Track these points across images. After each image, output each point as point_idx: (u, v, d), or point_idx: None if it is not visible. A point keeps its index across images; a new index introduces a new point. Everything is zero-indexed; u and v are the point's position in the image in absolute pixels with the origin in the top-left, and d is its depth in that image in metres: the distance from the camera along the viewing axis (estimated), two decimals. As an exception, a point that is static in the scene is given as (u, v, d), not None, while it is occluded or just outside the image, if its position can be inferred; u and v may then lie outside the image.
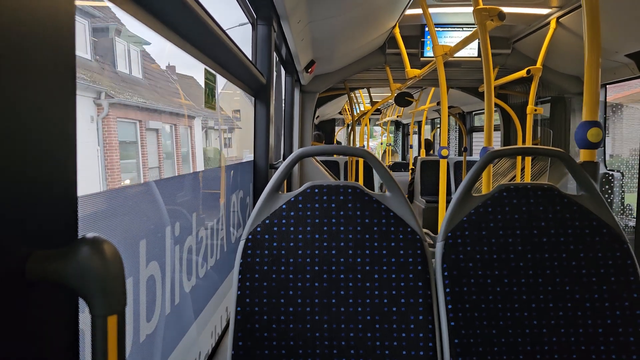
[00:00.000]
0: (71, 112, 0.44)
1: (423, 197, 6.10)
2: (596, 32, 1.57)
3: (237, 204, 1.92)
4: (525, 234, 1.27)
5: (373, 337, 1.19)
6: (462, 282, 1.24)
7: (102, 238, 0.40)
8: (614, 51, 3.34)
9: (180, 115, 7.24)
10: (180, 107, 7.30)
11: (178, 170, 7.02)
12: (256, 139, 2.21)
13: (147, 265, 0.95)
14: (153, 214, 1.02)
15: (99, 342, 0.39)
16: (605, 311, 1.23)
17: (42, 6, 0.39)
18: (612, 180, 4.09)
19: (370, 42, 4.23)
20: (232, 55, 1.48)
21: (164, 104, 6.73)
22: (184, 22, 1.10)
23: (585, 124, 1.54)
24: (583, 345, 1.21)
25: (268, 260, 1.21)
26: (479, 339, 1.21)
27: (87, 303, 0.39)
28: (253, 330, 1.18)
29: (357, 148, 1.36)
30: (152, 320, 0.98)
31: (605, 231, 1.27)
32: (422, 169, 6.37)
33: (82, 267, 0.38)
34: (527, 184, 1.32)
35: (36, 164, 0.39)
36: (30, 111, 0.38)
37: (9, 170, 0.36)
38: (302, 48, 3.10)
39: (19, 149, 0.37)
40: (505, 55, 4.51)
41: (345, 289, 1.21)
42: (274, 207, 1.25)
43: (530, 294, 1.24)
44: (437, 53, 3.30)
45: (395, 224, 1.25)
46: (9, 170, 0.36)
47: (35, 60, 0.38)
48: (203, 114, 7.58)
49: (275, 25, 2.21)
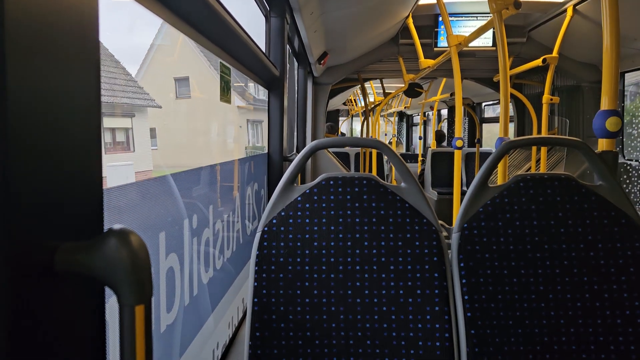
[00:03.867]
0: (96, 104, 0.44)
1: (435, 189, 6.07)
2: (615, 18, 1.54)
3: (252, 196, 1.93)
4: (542, 224, 1.26)
5: (389, 328, 1.19)
6: (478, 273, 1.24)
7: (129, 229, 0.41)
8: (633, 38, 3.27)
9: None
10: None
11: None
12: (270, 132, 2.22)
13: (167, 257, 0.97)
14: (171, 207, 1.03)
15: (127, 331, 0.40)
16: (624, 302, 1.21)
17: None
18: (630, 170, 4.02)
19: (383, 33, 4.19)
20: (247, 48, 1.48)
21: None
22: (200, 15, 1.11)
23: (604, 112, 1.52)
24: (601, 336, 1.20)
25: (284, 252, 1.22)
26: (496, 329, 1.21)
27: (116, 293, 0.40)
28: (270, 321, 1.19)
29: (372, 139, 1.36)
30: (172, 311, 1.00)
31: (624, 221, 1.25)
32: (434, 160, 6.33)
33: (110, 258, 0.39)
34: (543, 174, 1.30)
35: (63, 158, 0.40)
36: (56, 104, 0.38)
37: (37, 165, 0.37)
38: (315, 40, 3.09)
39: (46, 144, 0.38)
40: (520, 44, 4.44)
41: (361, 280, 1.21)
42: (290, 199, 1.25)
43: (547, 285, 1.23)
44: (451, 43, 3.27)
45: (411, 215, 1.25)
46: (36, 165, 0.36)
47: (60, 52, 0.39)
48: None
49: (288, 18, 2.21)
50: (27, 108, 0.35)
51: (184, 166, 1.19)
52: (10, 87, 0.33)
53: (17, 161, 0.34)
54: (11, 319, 0.34)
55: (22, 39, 0.34)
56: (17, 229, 0.35)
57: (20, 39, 0.34)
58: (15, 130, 0.33)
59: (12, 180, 0.33)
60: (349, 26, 3.39)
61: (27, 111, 0.35)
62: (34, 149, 0.36)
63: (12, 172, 0.33)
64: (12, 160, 0.33)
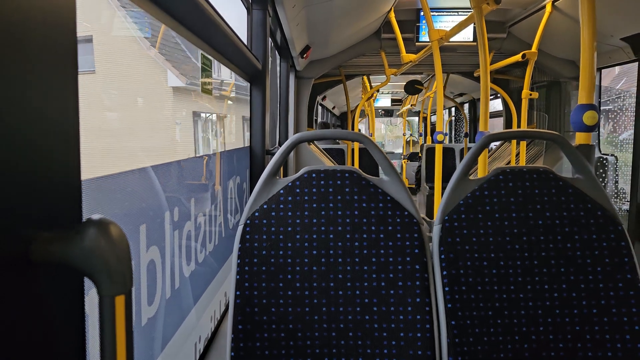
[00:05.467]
0: (72, 92, 0.44)
1: (427, 184, 6.13)
2: (592, 15, 1.57)
3: (234, 189, 1.92)
4: (521, 216, 1.29)
5: (371, 320, 1.21)
6: (458, 265, 1.26)
7: (109, 220, 0.40)
8: (609, 35, 3.34)
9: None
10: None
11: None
12: (252, 125, 2.21)
13: (148, 250, 0.96)
14: (152, 199, 1.02)
15: (107, 322, 0.39)
16: (599, 292, 1.25)
17: None
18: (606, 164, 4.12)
19: (366, 27, 4.20)
20: (228, 40, 1.47)
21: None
22: (181, 6, 1.09)
23: (582, 107, 1.55)
24: (577, 325, 1.23)
25: (266, 244, 1.22)
26: (476, 320, 1.23)
27: (95, 284, 0.39)
28: (252, 314, 1.19)
29: (354, 132, 1.36)
30: (153, 304, 0.99)
31: (600, 213, 1.28)
32: (427, 155, 6.39)
33: (90, 248, 0.38)
34: (522, 167, 1.32)
35: (39, 147, 0.39)
36: (31, 93, 0.38)
37: (12, 153, 0.36)
38: (297, 33, 3.08)
39: (22, 132, 0.37)
40: (500, 39, 4.50)
41: (343, 272, 1.22)
42: (272, 192, 1.25)
43: (525, 276, 1.25)
44: (432, 37, 3.29)
45: (392, 207, 1.26)
46: (12, 153, 0.36)
47: (35, 43, 0.38)
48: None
49: (270, 10, 2.20)
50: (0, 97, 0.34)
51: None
52: None
53: None
54: None
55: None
56: None
57: None
58: None
59: None
60: (331, 19, 3.38)
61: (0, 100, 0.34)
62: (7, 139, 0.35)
63: None
64: None
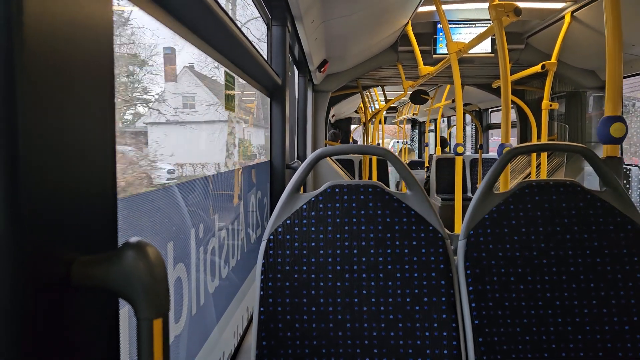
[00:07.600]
0: (110, 115, 0.44)
1: (439, 195, 6.07)
2: (618, 26, 1.55)
3: (255, 204, 1.92)
4: (547, 230, 1.26)
5: (396, 336, 1.19)
6: (484, 280, 1.23)
7: (146, 242, 0.40)
8: (630, 44, 3.29)
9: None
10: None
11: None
12: (272, 140, 2.22)
13: (175, 267, 0.96)
14: (178, 217, 1.03)
15: (145, 345, 0.39)
16: (631, 308, 1.21)
17: (80, 10, 0.39)
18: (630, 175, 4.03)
19: (383, 40, 4.21)
20: (250, 56, 1.49)
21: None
22: (205, 23, 1.11)
23: (608, 119, 1.52)
24: (609, 342, 1.20)
25: (290, 260, 1.21)
26: (503, 337, 1.21)
27: (133, 307, 0.39)
28: (276, 330, 1.18)
29: (379, 147, 1.35)
30: (179, 321, 0.99)
31: (630, 227, 1.25)
32: (438, 166, 6.34)
33: (128, 271, 0.38)
34: (549, 181, 1.30)
35: (80, 172, 0.39)
36: (70, 116, 0.38)
37: (55, 178, 0.36)
38: (315, 47, 3.10)
39: (63, 158, 0.37)
40: (518, 50, 4.46)
41: (367, 288, 1.21)
42: (295, 207, 1.25)
43: (554, 292, 1.23)
44: (451, 50, 3.28)
45: (417, 222, 1.24)
46: (54, 178, 0.36)
47: (75, 63, 0.39)
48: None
49: (289, 26, 2.22)
50: (41, 120, 0.34)
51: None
52: (20, 93, 0.32)
53: (32, 175, 0.34)
54: (28, 334, 0.34)
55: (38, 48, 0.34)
56: (34, 243, 0.34)
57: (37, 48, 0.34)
58: (29, 145, 0.33)
59: (27, 194, 0.33)
60: (349, 34, 3.40)
61: (41, 123, 0.35)
62: (49, 162, 0.36)
63: (27, 187, 0.33)
64: (26, 174, 0.33)
